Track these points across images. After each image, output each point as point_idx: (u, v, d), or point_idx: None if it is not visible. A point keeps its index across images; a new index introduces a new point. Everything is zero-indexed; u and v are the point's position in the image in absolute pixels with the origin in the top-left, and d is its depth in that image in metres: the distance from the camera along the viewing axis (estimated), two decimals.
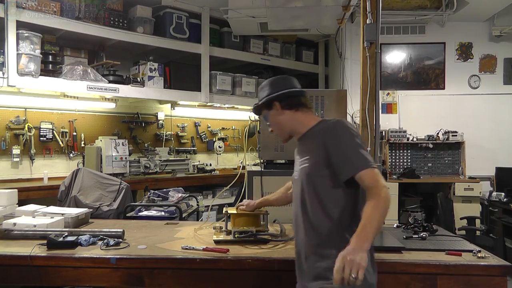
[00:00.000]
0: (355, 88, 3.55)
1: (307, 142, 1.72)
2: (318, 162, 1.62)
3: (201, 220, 3.69)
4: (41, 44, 4.04)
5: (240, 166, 4.51)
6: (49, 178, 4.26)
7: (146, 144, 5.27)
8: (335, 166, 1.56)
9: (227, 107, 5.85)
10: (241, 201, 2.33)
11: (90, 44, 4.80)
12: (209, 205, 3.76)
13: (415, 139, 5.41)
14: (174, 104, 5.52)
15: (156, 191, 3.53)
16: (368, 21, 2.56)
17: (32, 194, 3.86)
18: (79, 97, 4.57)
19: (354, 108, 5.27)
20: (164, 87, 4.97)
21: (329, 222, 1.58)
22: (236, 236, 2.14)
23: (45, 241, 2.02)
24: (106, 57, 4.81)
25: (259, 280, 1.92)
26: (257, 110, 1.89)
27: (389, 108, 5.69)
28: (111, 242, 2.07)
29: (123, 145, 4.54)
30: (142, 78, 4.83)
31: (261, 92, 1.85)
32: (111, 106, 4.95)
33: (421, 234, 2.20)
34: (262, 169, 2.86)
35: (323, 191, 1.61)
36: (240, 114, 6.05)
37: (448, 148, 5.44)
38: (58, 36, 4.40)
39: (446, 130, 5.37)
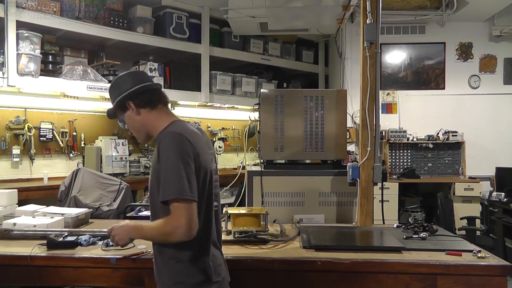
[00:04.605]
0: (355, 88, 3.54)
1: (154, 150, 1.54)
2: (154, 175, 1.51)
3: None
4: (41, 44, 4.04)
5: (240, 166, 4.51)
6: (49, 178, 4.26)
7: (146, 144, 5.27)
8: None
9: (227, 107, 5.84)
10: (241, 201, 2.33)
11: (90, 44, 4.80)
12: None
13: (415, 139, 5.41)
14: (174, 104, 5.51)
15: None
16: (368, 21, 2.55)
17: (32, 194, 3.85)
18: (79, 97, 4.56)
19: (354, 108, 5.28)
20: (164, 87, 4.92)
21: None
22: (236, 236, 2.14)
23: (45, 241, 2.03)
24: (106, 57, 4.80)
25: (259, 280, 1.92)
26: (111, 114, 1.71)
27: (389, 108, 5.69)
28: (111, 242, 2.07)
29: (123, 145, 4.54)
30: None
31: (110, 94, 1.66)
32: (111, 106, 4.93)
33: (421, 234, 2.21)
34: (262, 169, 2.86)
35: (156, 205, 1.51)
36: (240, 114, 6.04)
37: (448, 148, 5.44)
38: (58, 36, 4.39)
39: (446, 130, 5.37)
